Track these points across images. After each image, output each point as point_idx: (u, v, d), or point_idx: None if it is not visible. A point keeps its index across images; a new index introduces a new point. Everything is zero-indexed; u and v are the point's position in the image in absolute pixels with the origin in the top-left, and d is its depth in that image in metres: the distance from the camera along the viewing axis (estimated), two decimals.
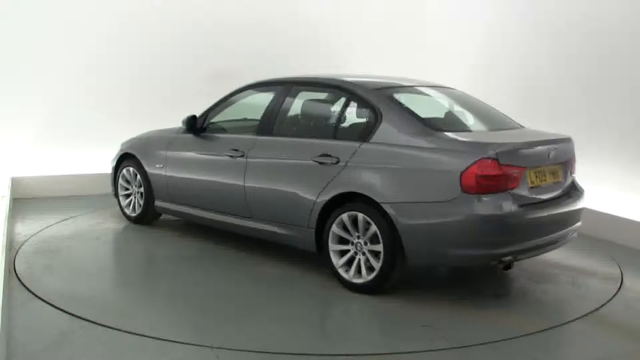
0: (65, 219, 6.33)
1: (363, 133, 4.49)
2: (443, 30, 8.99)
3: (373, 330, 3.95)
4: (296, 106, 5.18)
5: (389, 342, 3.65)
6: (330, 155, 4.51)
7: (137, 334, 3.59)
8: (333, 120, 4.89)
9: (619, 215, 6.00)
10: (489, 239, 4.00)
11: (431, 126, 4.36)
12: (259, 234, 5.04)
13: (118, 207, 6.45)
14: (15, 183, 7.20)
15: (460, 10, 8.81)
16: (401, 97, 4.92)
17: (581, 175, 6.58)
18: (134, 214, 6.22)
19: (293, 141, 4.91)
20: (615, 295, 4.51)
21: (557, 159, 4.50)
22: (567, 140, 4.76)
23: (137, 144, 6.26)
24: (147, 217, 6.16)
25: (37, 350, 3.38)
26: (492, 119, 5.04)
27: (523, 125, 5.11)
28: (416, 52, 8.94)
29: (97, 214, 6.63)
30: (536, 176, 4.29)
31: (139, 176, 6.11)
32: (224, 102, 5.66)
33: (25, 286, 4.33)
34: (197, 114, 5.69)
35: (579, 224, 4.74)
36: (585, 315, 4.10)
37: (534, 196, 4.24)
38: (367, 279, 4.27)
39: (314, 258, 4.73)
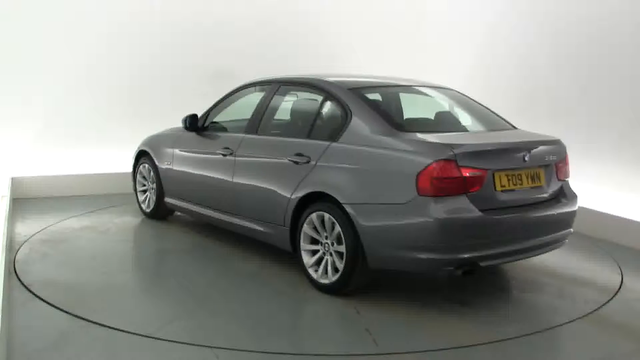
0: (66, 219, 6.33)
1: (333, 133, 4.49)
2: (443, 30, 8.99)
3: (310, 329, 3.87)
4: (279, 106, 5.27)
5: (310, 342, 3.63)
6: (302, 155, 4.55)
7: (137, 334, 3.59)
8: (309, 120, 4.89)
9: (619, 215, 6.00)
10: (445, 244, 3.83)
11: (397, 126, 4.28)
12: (245, 231, 5.14)
13: (117, 207, 6.56)
14: (15, 183, 7.20)
15: (460, 10, 8.81)
16: (382, 97, 4.97)
17: (581, 175, 6.62)
18: (148, 210, 6.44)
19: (273, 140, 5.02)
20: (615, 295, 4.51)
21: (538, 162, 4.31)
22: (554, 143, 4.58)
23: (152, 141, 6.47)
24: (160, 213, 6.33)
25: (37, 350, 3.38)
26: (481, 120, 4.96)
27: (516, 126, 5.00)
28: (416, 52, 8.94)
29: (97, 214, 6.63)
30: (508, 179, 4.11)
31: (152, 172, 6.31)
32: (223, 101, 5.81)
33: (25, 286, 4.33)
34: (198, 114, 5.82)
35: (568, 230, 4.56)
36: (585, 315, 4.10)
37: (504, 200, 4.07)
38: (332, 280, 4.25)
39: (296, 257, 4.71)
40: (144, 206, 6.50)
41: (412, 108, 5.15)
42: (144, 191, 6.50)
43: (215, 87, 7.21)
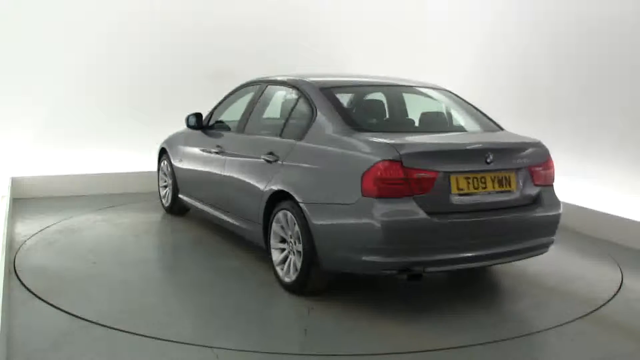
0: (66, 219, 6.33)
1: (301, 132, 4.51)
2: (443, 30, 8.99)
3: (253, 325, 3.84)
4: (263, 105, 5.35)
5: (235, 338, 3.60)
6: (273, 154, 4.60)
7: (137, 334, 3.59)
8: (283, 119, 4.95)
9: (619, 215, 6.00)
10: (387, 247, 3.72)
11: (355, 126, 4.21)
12: (233, 228, 5.23)
13: (118, 207, 6.64)
14: (15, 183, 7.20)
15: (460, 10, 8.81)
16: (359, 97, 4.97)
17: (581, 175, 6.63)
18: (166, 205, 6.71)
19: (254, 139, 5.11)
20: (615, 295, 4.50)
21: (507, 165, 4.13)
22: (530, 146, 4.39)
23: (170, 139, 6.68)
24: (176, 208, 6.52)
25: (37, 350, 3.38)
26: (463, 120, 4.89)
27: (502, 127, 4.85)
28: (416, 52, 8.94)
29: (97, 214, 6.63)
30: (468, 182, 3.94)
31: (169, 169, 6.51)
32: (224, 101, 5.95)
33: (25, 286, 4.33)
34: (199, 113, 5.96)
35: (549, 239, 4.37)
36: (585, 315, 4.10)
37: (460, 203, 3.91)
38: (292, 279, 4.26)
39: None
40: (163, 201, 6.77)
41: (393, 107, 5.12)
42: (165, 187, 6.72)
43: (215, 87, 7.22)
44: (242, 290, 4.44)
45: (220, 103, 5.97)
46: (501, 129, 4.82)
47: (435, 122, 4.90)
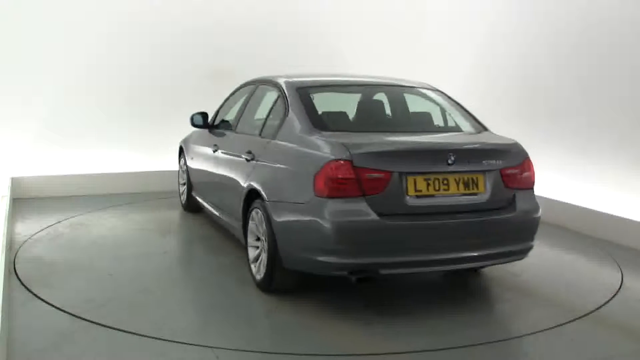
0: (65, 219, 6.33)
1: (274, 131, 4.56)
2: (443, 30, 8.99)
3: (211, 323, 3.87)
4: (253, 104, 5.41)
5: (187, 334, 3.62)
6: (250, 152, 4.65)
7: (137, 334, 3.59)
8: (264, 118, 4.97)
9: (619, 215, 6.00)
10: (337, 247, 3.68)
11: (320, 126, 4.19)
12: (225, 225, 5.33)
13: (118, 207, 6.69)
14: (15, 183, 7.20)
15: (460, 10, 8.81)
16: (336, 97, 4.98)
17: (581, 175, 6.63)
18: (183, 202, 6.88)
19: (240, 137, 5.21)
20: (615, 295, 4.50)
21: (473, 167, 3.98)
22: (502, 147, 4.24)
23: (186, 138, 6.79)
24: (191, 205, 6.61)
25: (37, 350, 3.38)
26: (442, 120, 4.81)
27: (487, 127, 4.70)
28: (416, 53, 8.94)
29: (97, 214, 6.63)
30: (428, 184, 3.84)
31: (185, 167, 6.67)
32: (227, 100, 6.06)
33: (25, 286, 4.33)
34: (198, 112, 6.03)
35: (525, 245, 4.19)
36: (585, 315, 4.10)
37: (416, 205, 3.81)
38: (261, 277, 4.28)
39: None
40: (181, 198, 6.92)
41: (370, 107, 5.09)
42: (183, 184, 6.82)
43: (215, 87, 7.23)
44: (220, 287, 4.50)
45: (224, 102, 6.10)
46: (485, 129, 4.67)
47: (410, 122, 4.87)
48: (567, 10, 6.93)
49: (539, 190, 6.94)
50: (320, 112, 4.42)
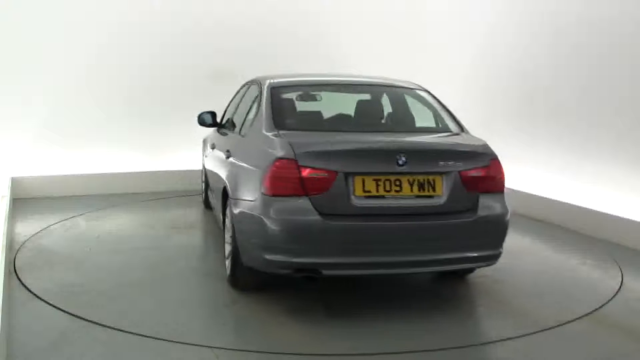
0: (66, 219, 6.33)
1: (247, 130, 4.64)
2: (443, 30, 8.99)
3: (170, 315, 3.93)
4: (244, 104, 5.40)
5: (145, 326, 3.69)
6: (229, 150, 4.74)
7: (137, 334, 3.59)
8: (244, 117, 5.02)
9: (619, 215, 6.00)
10: (280, 246, 3.69)
11: (280, 125, 4.17)
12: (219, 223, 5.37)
13: (118, 207, 6.66)
14: (15, 183, 7.20)
15: (460, 10, 8.81)
16: (305, 96, 4.98)
17: (581, 175, 6.63)
18: (202, 199, 7.02)
19: (227, 136, 5.30)
20: (615, 295, 4.50)
21: (429, 168, 3.86)
22: (468, 149, 4.11)
23: (206, 136, 6.77)
24: (209, 203, 6.58)
25: (37, 350, 3.38)
26: (415, 120, 4.73)
27: (465, 129, 4.49)
28: (416, 52, 8.94)
29: (97, 214, 6.63)
30: (377, 185, 3.74)
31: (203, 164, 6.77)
32: (232, 100, 6.09)
33: (25, 286, 4.33)
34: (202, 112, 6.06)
35: (489, 252, 3.98)
36: (585, 315, 4.09)
37: (363, 206, 3.72)
38: (228, 273, 4.34)
39: None
40: (202, 195, 7.00)
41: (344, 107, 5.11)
42: (204, 181, 6.87)
43: (215, 87, 7.23)
44: (199, 283, 4.60)
45: (230, 102, 6.15)
46: (462, 130, 4.48)
47: (379, 122, 4.83)
48: (567, 10, 6.93)
49: (539, 190, 7.03)
50: (293, 112, 4.49)
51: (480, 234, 3.94)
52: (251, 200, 3.88)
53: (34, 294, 4.18)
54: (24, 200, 7.09)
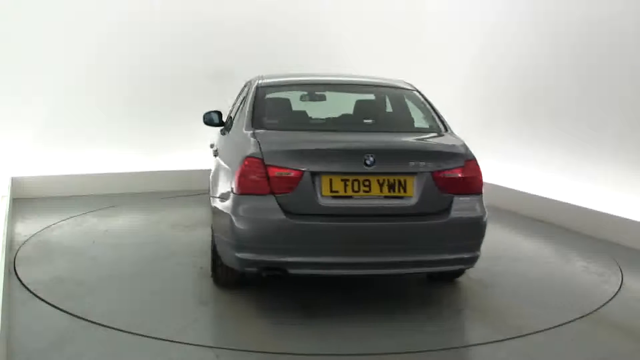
0: (66, 219, 6.33)
1: (231, 129, 4.67)
2: (443, 30, 8.99)
3: (145, 310, 4.01)
4: (238, 103, 5.38)
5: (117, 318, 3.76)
6: (217, 149, 4.82)
7: (137, 334, 3.59)
8: (235, 116, 5.02)
9: (619, 215, 6.00)
10: (245, 244, 3.71)
11: (257, 124, 4.18)
12: None
13: (118, 207, 6.64)
14: (15, 183, 7.20)
15: (460, 10, 8.81)
16: (288, 96, 4.97)
17: (581, 175, 6.63)
18: None
19: (220, 135, 5.26)
20: (615, 295, 4.50)
21: (399, 168, 3.80)
22: (442, 149, 4.07)
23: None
24: None
25: (37, 350, 3.38)
26: (395, 120, 4.75)
27: (449, 130, 4.39)
28: (416, 53, 8.94)
29: (97, 214, 6.63)
30: (345, 184, 3.72)
31: None
32: (235, 101, 6.00)
33: (25, 286, 4.33)
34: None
35: (467, 254, 3.90)
36: (585, 315, 4.10)
37: (329, 206, 3.70)
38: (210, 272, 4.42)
39: None
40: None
41: (324, 107, 5.18)
42: None
43: (215, 87, 7.23)
44: (186, 279, 4.62)
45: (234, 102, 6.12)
46: (446, 130, 4.38)
47: (359, 122, 4.82)
48: (567, 10, 6.93)
49: (539, 190, 7.03)
50: (274, 111, 4.51)
51: (454, 237, 3.87)
52: (224, 199, 3.92)
53: (34, 294, 4.18)
54: (24, 200, 7.09)
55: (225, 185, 3.97)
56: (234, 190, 3.78)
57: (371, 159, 3.70)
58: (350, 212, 3.75)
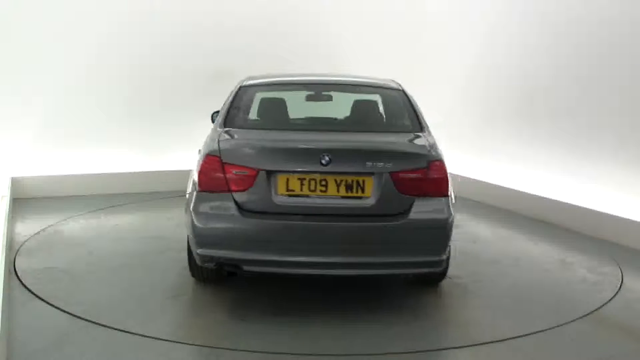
0: (65, 219, 6.33)
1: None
2: (443, 30, 8.99)
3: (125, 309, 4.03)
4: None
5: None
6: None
7: (137, 334, 3.59)
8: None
9: (619, 215, 6.00)
10: (201, 240, 3.80)
11: (228, 122, 4.28)
12: None
13: (118, 207, 6.64)
14: (15, 183, 7.20)
15: (460, 10, 8.81)
16: (269, 96, 4.96)
17: (582, 175, 6.63)
18: None
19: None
20: (615, 295, 4.51)
21: (357, 168, 3.75)
22: (404, 149, 4.05)
23: None
24: None
25: (37, 350, 3.38)
26: (371, 120, 4.71)
27: (426, 131, 4.28)
28: (416, 52, 8.94)
29: (97, 214, 6.63)
30: (301, 184, 3.73)
31: None
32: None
33: (25, 286, 4.33)
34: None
35: (428, 257, 3.79)
36: (585, 315, 4.10)
37: (283, 205, 3.73)
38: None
39: None
40: None
41: (298, 106, 5.23)
42: None
43: (215, 87, 7.21)
44: (169, 273, 4.68)
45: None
46: (423, 131, 4.27)
47: (332, 121, 4.92)
48: (567, 10, 6.93)
49: (540, 190, 7.03)
50: (249, 111, 4.54)
51: (413, 239, 3.78)
52: (191, 195, 3.99)
53: (34, 294, 4.18)
54: (24, 200, 7.09)
55: (192, 182, 4.06)
56: (197, 188, 3.88)
57: (327, 158, 3.71)
58: (306, 211, 3.77)
